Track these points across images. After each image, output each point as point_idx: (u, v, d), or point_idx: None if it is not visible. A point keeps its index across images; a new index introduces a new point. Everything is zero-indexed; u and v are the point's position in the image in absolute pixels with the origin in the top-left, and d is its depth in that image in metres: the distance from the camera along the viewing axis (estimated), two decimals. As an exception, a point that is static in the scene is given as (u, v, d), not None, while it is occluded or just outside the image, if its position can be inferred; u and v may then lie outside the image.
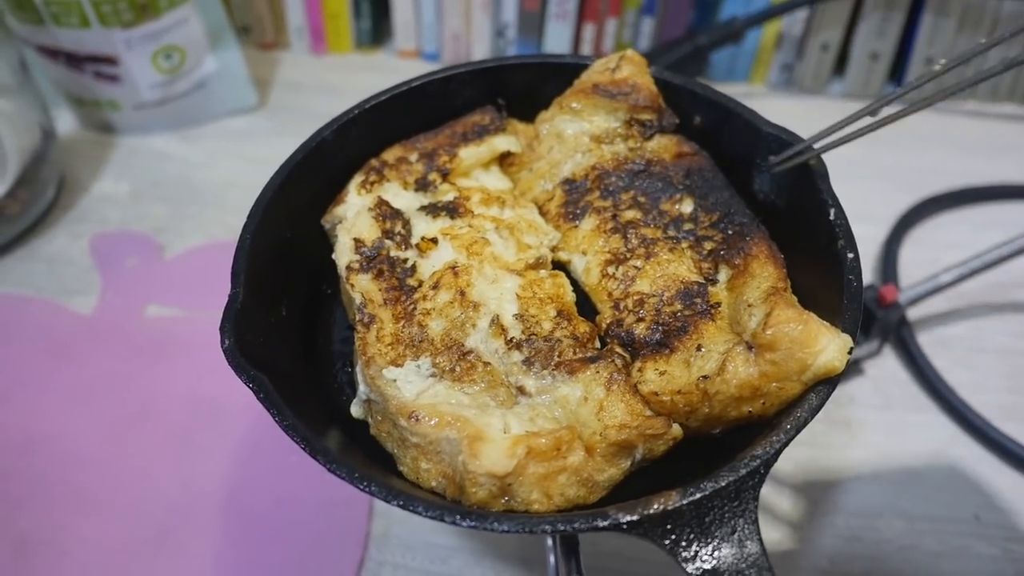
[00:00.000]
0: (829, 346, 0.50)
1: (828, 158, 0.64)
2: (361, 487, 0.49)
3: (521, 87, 0.74)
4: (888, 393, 0.92)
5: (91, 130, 1.24)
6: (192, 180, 1.17)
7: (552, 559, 0.63)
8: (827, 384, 0.52)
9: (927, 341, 0.95)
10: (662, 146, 0.68)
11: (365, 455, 0.57)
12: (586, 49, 1.27)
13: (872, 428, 0.88)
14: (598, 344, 0.60)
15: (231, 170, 1.19)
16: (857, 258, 0.57)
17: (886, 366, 0.94)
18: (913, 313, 0.96)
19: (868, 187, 1.15)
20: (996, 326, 0.98)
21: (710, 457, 0.53)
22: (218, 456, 0.87)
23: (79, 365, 0.95)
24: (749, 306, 0.55)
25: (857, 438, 0.88)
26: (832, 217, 0.59)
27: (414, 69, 1.16)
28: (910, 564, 0.78)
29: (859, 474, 0.85)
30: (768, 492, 0.83)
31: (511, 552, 0.79)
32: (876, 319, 0.89)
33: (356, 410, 0.59)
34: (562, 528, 0.46)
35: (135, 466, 0.86)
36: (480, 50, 1.31)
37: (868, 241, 1.07)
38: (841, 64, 1.30)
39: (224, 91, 1.24)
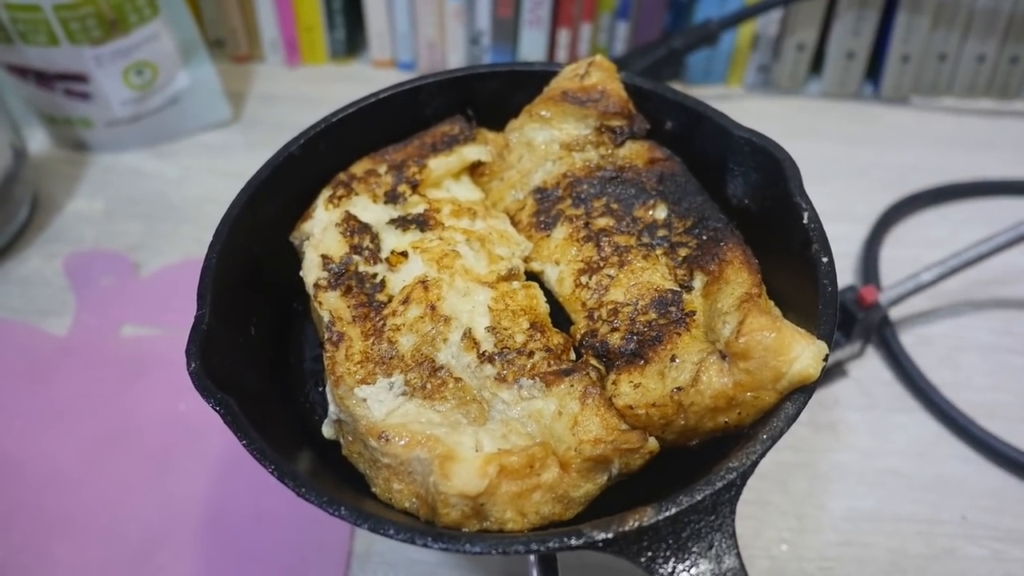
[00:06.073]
0: (803, 353, 0.50)
1: (807, 158, 0.63)
2: (331, 511, 0.48)
3: (491, 96, 0.73)
4: (872, 394, 0.91)
5: (64, 148, 1.22)
6: (167, 196, 1.16)
7: (535, 574, 0.62)
8: (803, 392, 0.51)
9: (910, 341, 0.94)
10: (634, 152, 0.68)
11: (337, 476, 0.56)
12: (562, 54, 1.26)
13: (857, 430, 0.88)
14: (573, 355, 0.59)
15: (206, 185, 1.18)
16: (832, 262, 0.56)
17: (870, 367, 0.93)
18: (895, 313, 0.96)
19: (848, 186, 1.15)
20: (978, 323, 0.98)
21: (689, 469, 0.52)
22: (197, 476, 0.86)
23: (54, 387, 0.93)
24: (723, 314, 0.54)
25: (842, 441, 0.87)
26: (806, 220, 0.58)
27: (390, 79, 1.13)
28: (898, 568, 0.77)
29: (845, 477, 0.84)
30: (753, 499, 0.82)
31: (494, 568, 0.78)
32: (857, 321, 0.88)
33: (328, 430, 0.58)
34: (535, 548, 0.45)
35: (113, 488, 0.85)
36: (455, 58, 1.30)
37: (849, 241, 1.07)
38: (818, 63, 1.30)
39: (198, 106, 1.22)
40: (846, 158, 1.20)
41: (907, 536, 0.80)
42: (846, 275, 1.03)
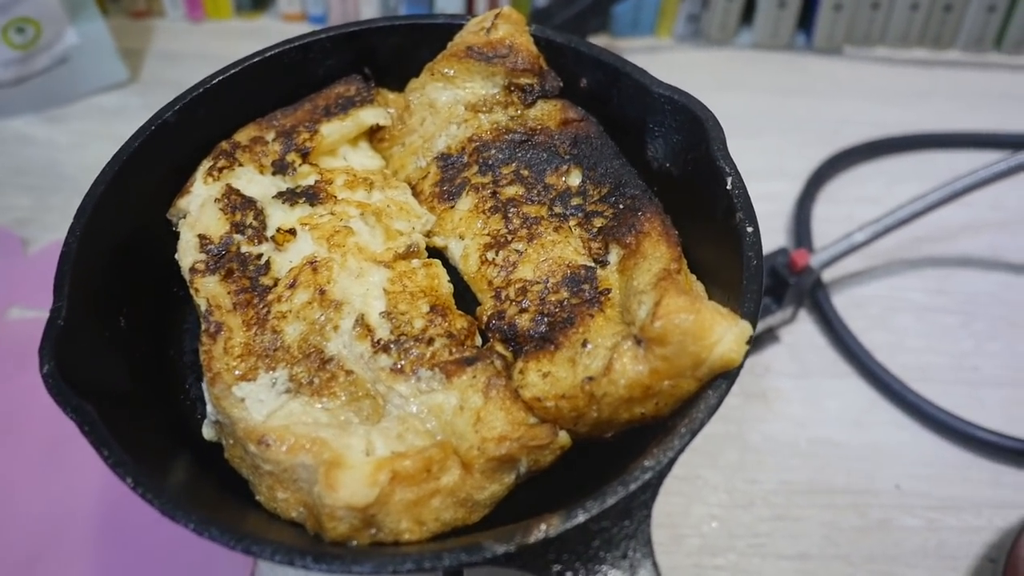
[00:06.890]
0: (725, 336, 0.45)
1: (738, 111, 0.58)
2: (199, 532, 0.43)
3: (391, 53, 0.67)
4: (805, 360, 0.88)
5: (-57, 115, 1.13)
6: (59, 165, 1.08)
7: None
8: (726, 378, 0.46)
9: (843, 303, 0.91)
10: (545, 113, 0.62)
11: (220, 483, 0.51)
12: (481, 7, 1.19)
13: (789, 399, 0.85)
14: (478, 340, 0.54)
15: (102, 153, 1.05)
16: (757, 232, 0.52)
17: (802, 332, 0.90)
18: (828, 274, 0.93)
19: (781, 140, 1.11)
20: (912, 283, 0.95)
21: (606, 460, 0.48)
22: (92, 471, 0.79)
23: (-68, 378, 0.86)
24: (639, 292, 0.50)
25: (774, 410, 0.84)
26: (729, 186, 0.53)
27: (300, 33, 1.06)
28: (831, 542, 0.75)
29: (777, 449, 0.81)
30: (682, 474, 0.78)
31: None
32: (789, 286, 0.85)
33: (208, 432, 0.52)
34: (428, 566, 0.40)
35: (-1, 487, 0.79)
36: (368, 11, 1.22)
37: (781, 199, 1.03)
38: (748, 13, 1.25)
39: (90, 66, 1.13)
40: (778, 111, 1.16)
41: (840, 508, 0.77)
42: (778, 235, 1.00)
